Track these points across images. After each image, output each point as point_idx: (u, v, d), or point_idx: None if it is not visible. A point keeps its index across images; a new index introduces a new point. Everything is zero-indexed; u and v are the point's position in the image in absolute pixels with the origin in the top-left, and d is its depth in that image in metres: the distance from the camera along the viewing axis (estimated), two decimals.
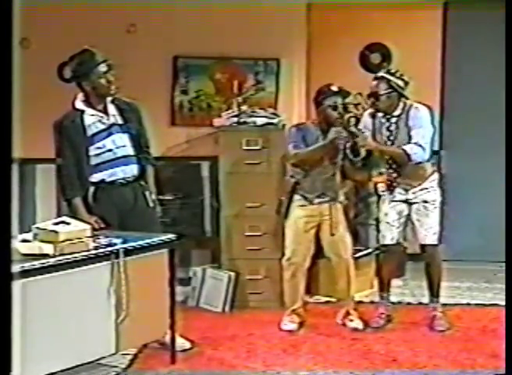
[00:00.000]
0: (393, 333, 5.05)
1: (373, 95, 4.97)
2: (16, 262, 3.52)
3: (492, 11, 6.40)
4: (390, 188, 5.09)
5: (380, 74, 5.00)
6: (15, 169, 6.22)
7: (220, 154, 5.85)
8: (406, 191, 5.07)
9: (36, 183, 6.55)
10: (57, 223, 3.88)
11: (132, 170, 4.71)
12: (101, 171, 4.62)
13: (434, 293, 5.23)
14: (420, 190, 5.05)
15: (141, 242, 4.16)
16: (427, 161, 5.03)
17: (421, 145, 4.92)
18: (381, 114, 5.03)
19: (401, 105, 4.98)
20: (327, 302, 5.78)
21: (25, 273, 3.54)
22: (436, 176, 5.14)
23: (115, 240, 4.06)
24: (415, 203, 5.08)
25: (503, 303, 5.46)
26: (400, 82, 4.93)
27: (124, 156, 4.68)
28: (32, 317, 3.58)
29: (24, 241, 3.84)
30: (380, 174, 5.14)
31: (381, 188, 5.18)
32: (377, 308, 5.32)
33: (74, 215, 4.43)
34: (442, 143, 7.07)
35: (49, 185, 6.23)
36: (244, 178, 5.65)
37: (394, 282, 6.00)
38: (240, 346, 4.83)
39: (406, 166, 4.99)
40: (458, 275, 6.56)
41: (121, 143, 4.67)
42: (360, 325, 5.16)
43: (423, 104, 5.05)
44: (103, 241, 4.04)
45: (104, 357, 4.13)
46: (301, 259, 5.19)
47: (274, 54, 6.54)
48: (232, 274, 5.72)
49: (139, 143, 4.76)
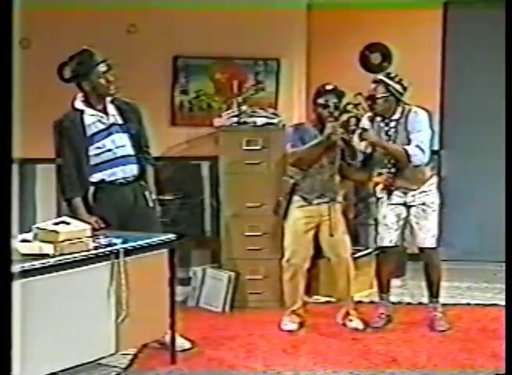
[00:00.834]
0: (393, 333, 5.06)
1: (371, 98, 4.98)
2: (16, 262, 3.53)
3: (492, 11, 6.39)
4: (388, 190, 5.09)
5: (379, 77, 5.01)
6: (15, 169, 6.23)
7: (220, 154, 5.85)
8: (404, 194, 5.07)
9: (36, 183, 6.56)
10: (57, 223, 3.89)
11: (132, 170, 4.71)
12: (101, 171, 4.62)
13: (433, 294, 5.24)
14: (419, 193, 5.05)
15: (141, 242, 4.17)
16: (426, 164, 5.04)
17: (421, 148, 4.93)
18: (379, 118, 5.04)
19: (400, 109, 4.98)
20: (327, 302, 5.78)
21: (25, 273, 3.55)
22: (435, 179, 5.17)
23: (115, 240, 4.07)
24: (414, 206, 5.08)
25: (503, 303, 5.46)
26: (399, 87, 4.94)
27: (124, 156, 4.68)
28: (32, 317, 3.58)
29: (24, 241, 3.85)
30: (379, 174, 5.12)
31: (379, 190, 5.16)
32: (377, 308, 5.32)
33: (74, 215, 4.43)
34: (442, 143, 7.08)
35: (49, 185, 6.23)
36: (244, 178, 5.65)
37: (394, 282, 5.99)
38: (240, 346, 4.84)
39: (405, 169, 5.00)
40: (458, 275, 6.57)
41: (121, 143, 4.67)
42: (360, 325, 5.16)
43: (422, 108, 5.06)
44: (103, 241, 4.04)
45: (104, 357, 4.13)
46: (301, 260, 5.19)
47: (274, 54, 6.54)
48: (232, 274, 5.73)
49: (139, 143, 4.76)
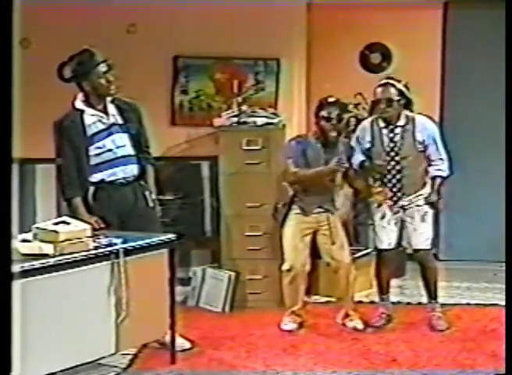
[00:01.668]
0: (393, 333, 5.06)
1: (378, 102, 4.94)
2: (16, 262, 3.53)
3: (492, 11, 6.40)
4: (389, 204, 5.05)
5: (388, 81, 4.95)
6: (15, 169, 6.22)
7: (220, 154, 5.86)
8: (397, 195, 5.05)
9: (36, 183, 6.55)
10: (57, 223, 3.90)
11: (132, 170, 4.72)
12: (101, 171, 4.62)
13: (431, 295, 5.22)
14: (415, 196, 5.04)
15: (141, 242, 4.17)
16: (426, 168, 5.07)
17: (443, 159, 5.01)
18: (382, 124, 4.98)
19: (404, 116, 4.96)
20: (327, 302, 5.77)
21: (25, 273, 3.56)
22: (430, 181, 5.12)
23: (115, 240, 4.07)
24: (410, 208, 5.05)
25: (503, 303, 5.46)
26: (406, 91, 4.92)
27: (124, 156, 4.69)
28: (32, 317, 3.59)
29: (24, 241, 3.86)
30: (380, 192, 5.08)
31: (377, 203, 5.12)
32: (377, 308, 5.32)
33: (74, 215, 4.43)
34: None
35: (49, 185, 6.23)
36: (244, 178, 5.65)
37: (394, 282, 5.99)
38: (240, 346, 4.84)
39: (410, 176, 5.00)
40: (458, 275, 6.58)
41: (121, 143, 4.67)
42: (360, 325, 5.16)
43: (426, 116, 5.09)
44: (103, 241, 4.05)
45: (104, 357, 4.14)
46: (300, 266, 5.15)
47: (274, 54, 6.53)
48: (232, 274, 5.73)
49: (139, 143, 4.76)
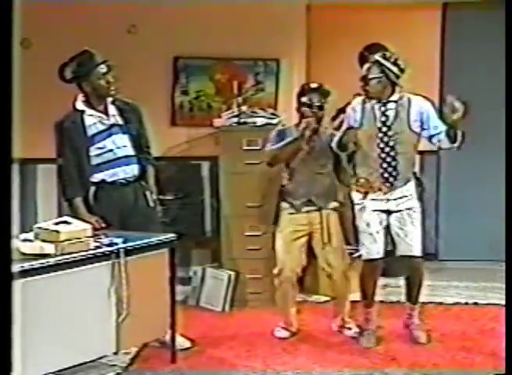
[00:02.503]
0: (392, 332, 5.05)
1: (363, 79, 4.71)
2: (18, 262, 3.55)
3: (491, 11, 6.42)
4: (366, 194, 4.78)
5: (374, 58, 4.71)
6: (16, 169, 6.25)
7: (220, 154, 5.88)
8: (387, 195, 4.74)
9: (37, 183, 6.57)
10: (58, 223, 3.90)
11: (132, 170, 4.73)
12: (102, 171, 4.64)
13: (413, 300, 4.97)
14: (400, 198, 4.74)
15: (142, 242, 4.18)
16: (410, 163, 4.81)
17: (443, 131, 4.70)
18: (374, 100, 4.74)
19: (398, 93, 4.71)
20: (326, 302, 5.78)
21: (26, 273, 3.57)
22: (414, 181, 4.82)
23: (115, 240, 4.08)
24: (398, 212, 4.77)
25: (501, 302, 5.51)
26: (395, 68, 4.63)
27: (125, 156, 4.70)
28: (33, 316, 3.60)
29: (26, 241, 3.86)
30: (361, 184, 4.79)
31: (357, 196, 4.84)
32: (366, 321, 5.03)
33: (75, 215, 4.45)
34: None
35: (50, 185, 6.25)
36: (244, 178, 5.66)
37: (392, 281, 6.02)
38: (240, 345, 4.85)
39: (403, 156, 4.71)
40: (457, 274, 6.60)
41: (121, 143, 4.69)
42: (358, 333, 5.00)
43: (422, 96, 4.86)
44: (104, 241, 4.05)
45: (105, 356, 4.15)
46: (289, 271, 4.97)
47: (274, 54, 6.56)
48: (232, 274, 5.75)
49: (139, 143, 4.78)
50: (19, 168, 6.36)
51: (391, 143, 4.70)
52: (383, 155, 4.72)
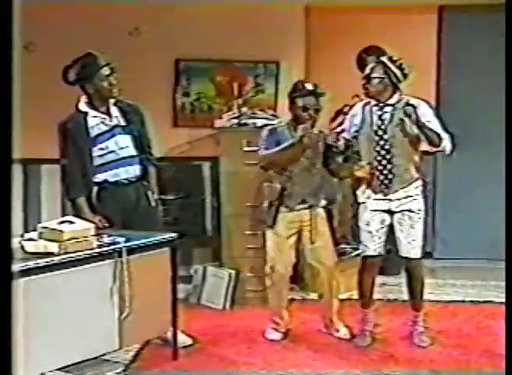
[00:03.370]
0: (389, 329, 5.07)
1: (365, 78, 4.70)
2: (22, 261, 3.60)
3: (487, 14, 6.45)
4: (372, 184, 4.75)
5: (380, 59, 4.73)
6: (20, 169, 6.30)
7: (221, 154, 5.89)
8: (389, 200, 4.73)
9: (41, 183, 6.59)
10: (62, 222, 3.93)
11: (134, 171, 4.76)
12: (105, 171, 4.66)
13: (416, 306, 4.93)
14: (404, 198, 4.72)
15: (144, 241, 4.20)
16: (412, 165, 4.74)
17: (442, 137, 4.62)
18: (374, 102, 4.73)
19: (397, 96, 4.68)
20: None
21: (30, 271, 3.61)
22: (420, 183, 4.80)
23: (118, 239, 4.10)
24: (399, 212, 4.74)
25: (497, 300, 5.59)
26: (398, 71, 4.62)
27: (127, 157, 4.73)
28: (37, 314, 3.64)
29: (30, 240, 3.88)
30: (361, 167, 4.72)
31: (361, 191, 4.83)
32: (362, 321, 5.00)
33: (78, 214, 4.48)
34: None
35: (54, 185, 6.27)
36: (244, 178, 5.65)
37: (391, 280, 6.06)
38: (241, 342, 4.87)
39: (399, 159, 4.68)
40: (453, 273, 6.62)
41: (124, 144, 4.71)
42: (347, 335, 4.98)
43: (421, 99, 4.80)
44: (106, 240, 4.08)
45: (108, 353, 4.20)
46: (283, 267, 4.92)
47: (273, 57, 6.59)
48: (232, 272, 5.76)
49: (141, 144, 4.79)
50: (22, 168, 6.40)
51: (387, 146, 4.69)
52: (379, 158, 4.72)
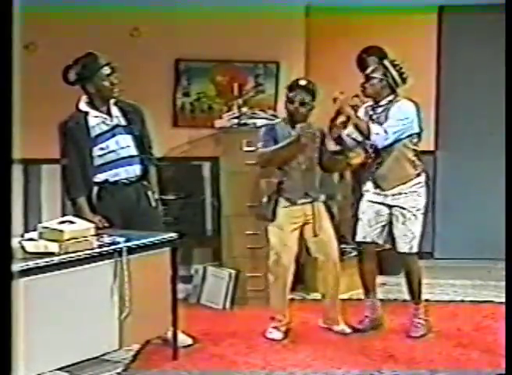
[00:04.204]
0: (390, 329, 5.09)
1: (365, 77, 4.88)
2: (22, 261, 3.60)
3: (487, 15, 6.46)
4: (368, 167, 4.95)
5: (382, 61, 4.93)
6: (20, 169, 6.30)
7: (221, 154, 5.91)
8: (384, 195, 4.89)
9: (41, 183, 6.59)
10: (62, 222, 3.93)
11: (135, 170, 4.77)
12: (105, 171, 4.67)
13: (415, 297, 5.03)
14: (399, 194, 4.85)
15: (144, 241, 4.21)
16: (409, 162, 4.87)
17: (387, 131, 4.74)
18: (371, 102, 4.91)
19: (389, 98, 4.84)
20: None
21: (31, 271, 3.61)
22: (419, 180, 4.90)
23: (118, 239, 4.10)
24: (393, 207, 4.88)
25: (497, 300, 5.61)
26: (396, 74, 4.79)
27: (127, 157, 4.73)
28: (37, 314, 3.64)
29: (30, 240, 3.89)
30: (358, 155, 4.99)
31: (363, 187, 5.04)
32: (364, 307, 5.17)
33: (78, 214, 4.48)
34: (437, 144, 7.15)
35: (54, 185, 6.28)
36: (245, 178, 5.66)
37: (391, 280, 6.08)
38: (241, 342, 4.88)
39: (386, 161, 4.85)
40: (453, 272, 6.63)
41: (124, 144, 4.72)
42: (346, 329, 5.06)
43: (411, 100, 4.93)
44: (107, 240, 4.08)
45: (108, 353, 4.20)
46: (287, 261, 4.97)
47: (274, 57, 6.61)
48: (232, 272, 5.77)
49: (142, 144, 4.80)
50: (23, 168, 6.40)
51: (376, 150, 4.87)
52: (370, 159, 4.93)
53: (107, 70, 4.63)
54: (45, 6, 5.80)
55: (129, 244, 4.10)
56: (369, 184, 5.00)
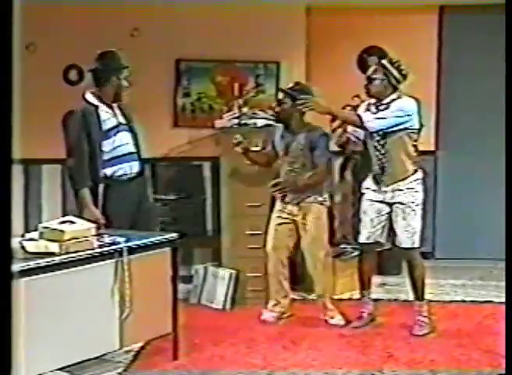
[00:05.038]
0: (390, 329, 5.09)
1: (367, 79, 4.95)
2: (23, 261, 3.60)
3: (487, 15, 6.46)
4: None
5: (381, 61, 4.99)
6: (21, 169, 6.31)
7: (221, 154, 5.91)
8: (383, 187, 4.95)
9: (42, 183, 6.60)
10: (62, 222, 3.94)
11: (135, 167, 4.85)
12: (112, 166, 4.74)
13: (418, 295, 5.06)
14: (398, 190, 4.91)
15: (144, 241, 4.22)
16: (408, 158, 4.93)
17: (380, 118, 4.84)
18: (374, 100, 4.96)
19: (393, 96, 4.89)
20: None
21: (31, 271, 3.61)
22: (417, 176, 4.97)
23: (118, 239, 4.11)
24: (393, 204, 4.94)
25: (497, 300, 5.61)
26: (396, 72, 4.86)
27: (129, 153, 4.82)
28: (38, 314, 3.64)
29: (31, 240, 3.89)
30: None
31: (363, 185, 5.12)
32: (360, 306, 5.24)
33: (80, 205, 4.56)
34: (438, 144, 7.15)
35: (54, 185, 6.30)
36: (245, 178, 5.69)
37: (391, 280, 6.08)
38: (241, 342, 4.88)
39: (391, 157, 4.90)
40: (453, 273, 6.63)
41: (126, 140, 4.81)
42: (341, 321, 5.19)
43: (412, 97, 4.98)
44: (107, 240, 4.08)
45: (108, 353, 4.20)
46: (270, 248, 5.31)
47: (274, 57, 6.61)
48: (232, 272, 5.77)
49: (138, 142, 4.89)
50: (23, 168, 6.41)
51: (381, 142, 4.92)
52: (376, 153, 4.96)
53: (127, 72, 4.75)
54: (45, 6, 5.80)
55: (129, 244, 4.11)
56: (369, 181, 5.05)
